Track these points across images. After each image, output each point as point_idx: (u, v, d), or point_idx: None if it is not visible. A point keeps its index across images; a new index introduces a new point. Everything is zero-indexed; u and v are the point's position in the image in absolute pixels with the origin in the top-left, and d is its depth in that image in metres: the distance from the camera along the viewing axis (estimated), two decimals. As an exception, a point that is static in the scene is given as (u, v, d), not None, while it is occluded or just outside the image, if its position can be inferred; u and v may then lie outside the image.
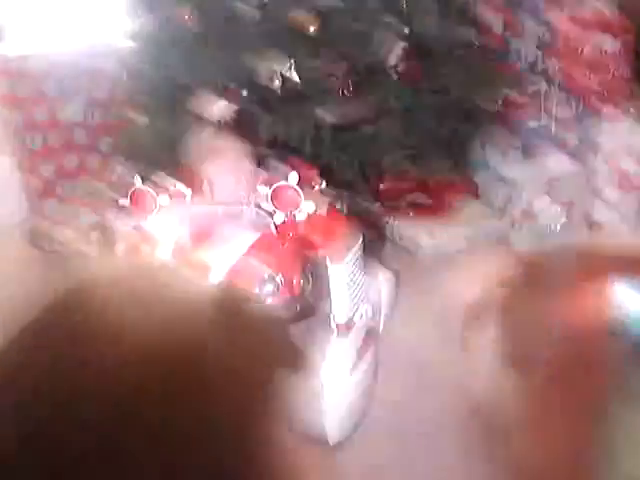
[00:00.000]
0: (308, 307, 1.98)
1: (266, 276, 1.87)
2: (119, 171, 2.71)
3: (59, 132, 3.15)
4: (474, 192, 2.88)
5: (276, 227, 2.01)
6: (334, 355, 2.10)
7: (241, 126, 2.50)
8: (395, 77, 2.45)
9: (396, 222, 2.77)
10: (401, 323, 2.42)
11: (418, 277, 2.61)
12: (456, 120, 2.54)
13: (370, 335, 2.25)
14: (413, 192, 2.76)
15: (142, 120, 2.72)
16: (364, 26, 2.40)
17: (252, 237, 1.98)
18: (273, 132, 2.46)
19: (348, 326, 2.15)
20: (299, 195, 1.97)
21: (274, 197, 1.99)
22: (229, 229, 2.02)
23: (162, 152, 2.74)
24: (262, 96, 2.46)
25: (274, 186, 1.98)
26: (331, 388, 2.03)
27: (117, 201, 2.61)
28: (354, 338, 2.18)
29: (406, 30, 2.40)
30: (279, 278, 1.87)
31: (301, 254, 1.97)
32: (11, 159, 3.15)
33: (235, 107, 2.47)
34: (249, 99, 2.47)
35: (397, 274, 2.56)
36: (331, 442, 1.97)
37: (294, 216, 2.02)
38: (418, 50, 2.44)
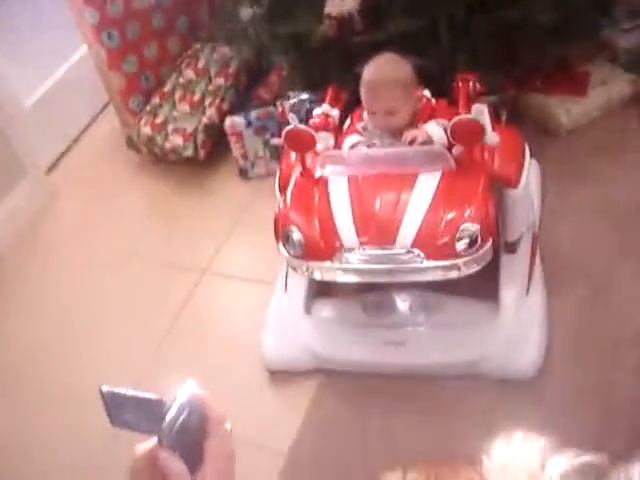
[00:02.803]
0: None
1: (463, 229, 1.73)
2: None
3: (135, 21, 2.84)
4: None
5: (456, 162, 1.82)
6: (507, 277, 2.03)
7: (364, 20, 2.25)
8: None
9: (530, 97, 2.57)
10: (555, 219, 2.30)
11: (563, 162, 2.47)
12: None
13: (534, 241, 2.16)
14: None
15: (245, 12, 2.44)
16: None
17: (433, 180, 1.80)
18: (401, 26, 2.21)
19: (518, 241, 2.06)
20: (482, 128, 1.77)
21: (453, 131, 1.78)
22: (400, 174, 1.83)
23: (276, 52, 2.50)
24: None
25: (455, 121, 1.77)
26: (511, 315, 1.98)
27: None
28: (524, 252, 2.10)
29: None
30: (477, 228, 1.73)
31: (489, 188, 1.81)
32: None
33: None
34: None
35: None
36: (525, 377, 1.92)
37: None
38: None
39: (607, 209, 2.29)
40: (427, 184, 1.77)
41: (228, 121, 2.68)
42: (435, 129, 1.81)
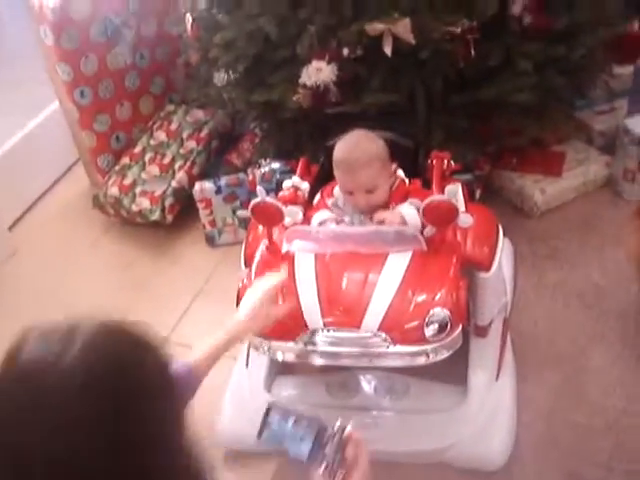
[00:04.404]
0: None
1: (432, 313, 1.65)
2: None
3: (109, 80, 2.79)
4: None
5: (427, 242, 1.75)
6: (477, 361, 1.97)
7: (341, 92, 2.22)
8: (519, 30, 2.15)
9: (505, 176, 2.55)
10: (526, 301, 2.25)
11: (536, 243, 2.43)
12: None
13: (504, 324, 2.10)
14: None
15: (220, 77, 2.40)
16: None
17: (402, 261, 1.73)
18: (378, 99, 2.18)
19: (489, 325, 1.99)
20: (455, 209, 1.70)
21: (426, 212, 1.71)
22: (369, 254, 1.76)
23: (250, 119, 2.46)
24: (367, 57, 2.16)
25: (427, 202, 1.70)
26: (480, 401, 1.91)
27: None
28: (494, 336, 2.04)
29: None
30: (448, 313, 1.65)
31: (460, 271, 1.74)
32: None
33: (336, 70, 2.18)
34: (352, 60, 2.16)
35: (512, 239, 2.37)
36: (494, 467, 1.84)
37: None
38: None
39: (580, 292, 2.25)
40: (396, 265, 1.70)
41: (197, 187, 2.62)
42: (411, 212, 1.75)
